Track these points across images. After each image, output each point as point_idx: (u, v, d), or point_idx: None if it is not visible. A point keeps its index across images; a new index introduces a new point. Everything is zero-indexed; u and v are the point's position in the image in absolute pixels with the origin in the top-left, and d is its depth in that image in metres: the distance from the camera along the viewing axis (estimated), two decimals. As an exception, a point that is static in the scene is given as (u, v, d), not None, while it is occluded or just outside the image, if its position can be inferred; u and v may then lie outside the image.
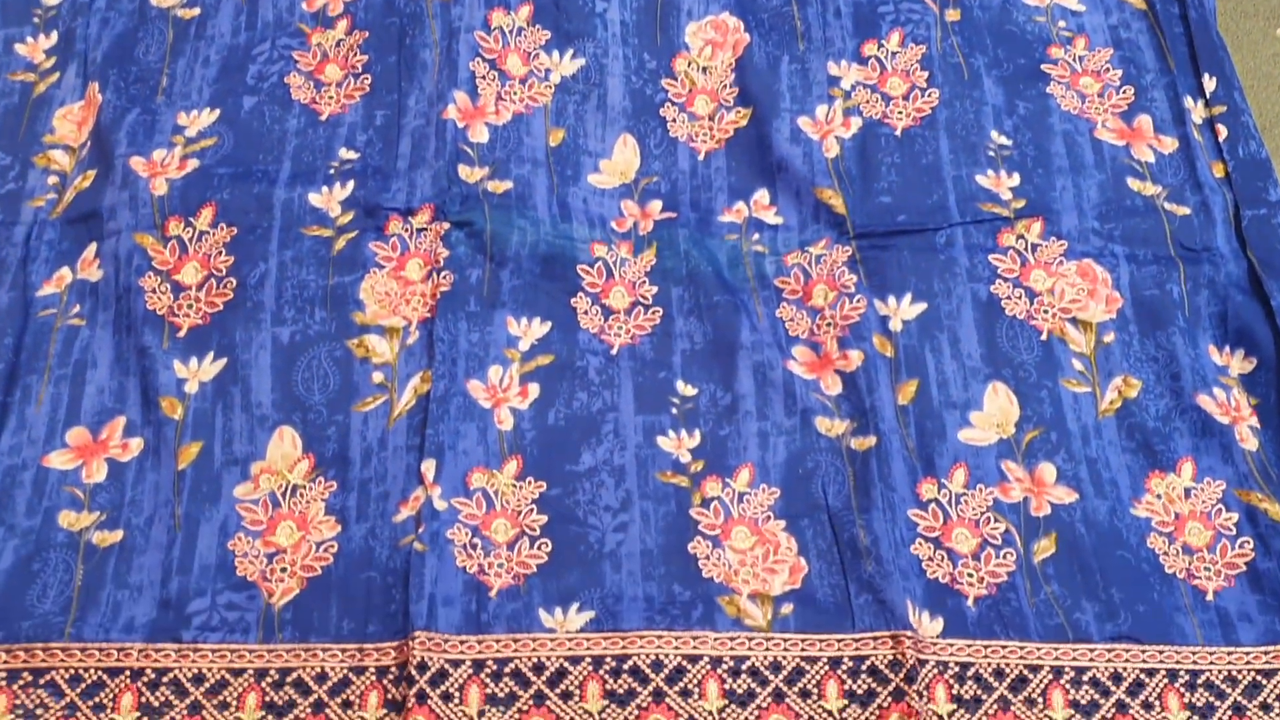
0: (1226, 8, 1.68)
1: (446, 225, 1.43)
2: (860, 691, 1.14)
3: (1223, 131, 1.53)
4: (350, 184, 1.47)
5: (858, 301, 1.39)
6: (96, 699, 1.13)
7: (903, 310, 1.39)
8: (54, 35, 1.61)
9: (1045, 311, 1.40)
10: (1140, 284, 1.42)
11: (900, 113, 1.54)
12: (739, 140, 1.54)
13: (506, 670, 1.15)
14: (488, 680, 1.14)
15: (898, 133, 1.53)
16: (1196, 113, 1.55)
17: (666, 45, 1.59)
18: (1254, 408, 1.34)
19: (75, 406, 1.32)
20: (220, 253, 1.41)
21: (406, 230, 1.44)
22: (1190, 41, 1.60)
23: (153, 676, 1.15)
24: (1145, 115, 1.54)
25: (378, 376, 1.34)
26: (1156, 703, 1.15)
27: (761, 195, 1.50)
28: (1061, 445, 1.31)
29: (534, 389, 1.34)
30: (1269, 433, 1.32)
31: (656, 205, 1.48)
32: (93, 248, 1.43)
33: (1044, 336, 1.38)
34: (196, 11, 1.62)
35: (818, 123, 1.53)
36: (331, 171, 1.48)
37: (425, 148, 1.49)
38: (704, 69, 1.58)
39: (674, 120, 1.55)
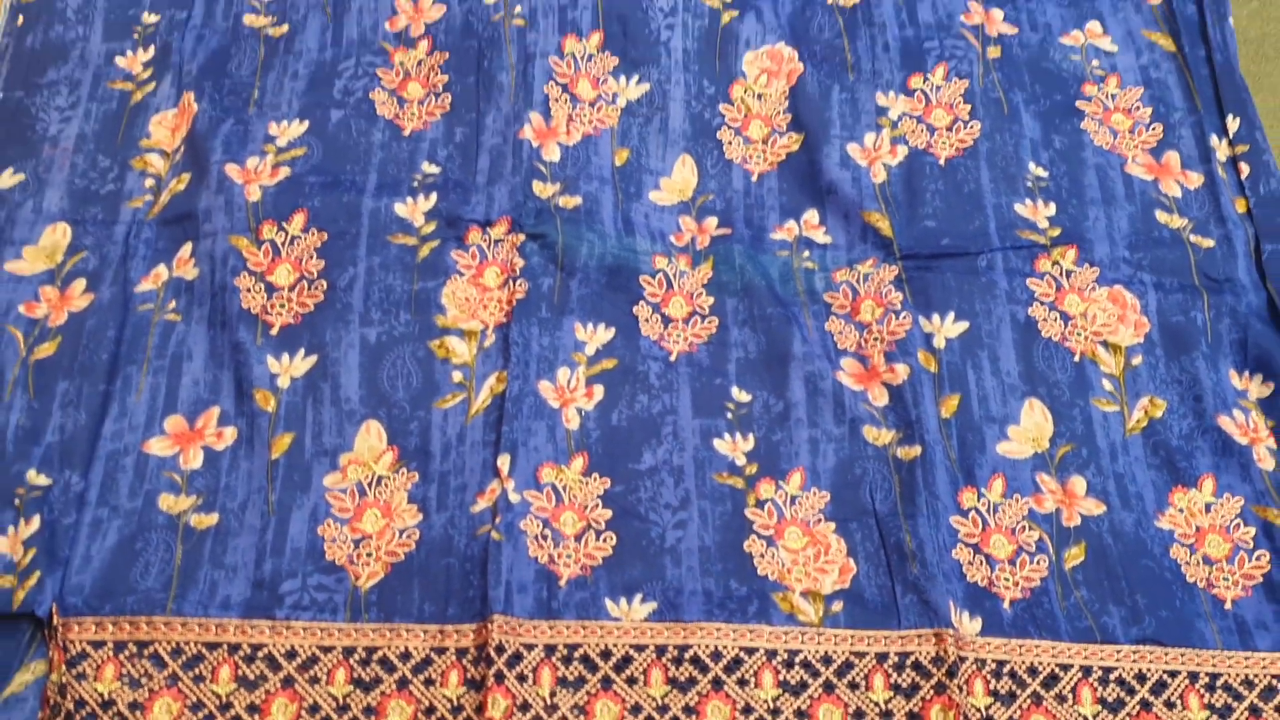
0: (1248, 52, 1.75)
1: (522, 237, 1.49)
2: (905, 685, 1.22)
3: (1245, 169, 1.60)
4: (433, 196, 1.53)
5: (903, 318, 1.45)
6: (196, 670, 1.20)
7: (946, 328, 1.45)
8: (151, 49, 1.66)
9: (1078, 334, 1.46)
10: (1166, 311, 1.48)
11: (944, 143, 1.61)
12: (791, 163, 1.60)
13: (576, 655, 1.22)
14: (559, 664, 1.22)
15: (941, 162, 1.59)
16: (1221, 150, 1.61)
17: (725, 73, 1.66)
18: (1271, 430, 1.40)
19: (172, 396, 1.39)
20: (311, 256, 1.48)
21: (485, 240, 1.50)
22: (1215, 83, 1.66)
23: (248, 651, 1.22)
24: (1173, 152, 1.61)
25: (457, 376, 1.41)
26: (1178, 702, 1.23)
27: (811, 215, 1.56)
28: (1091, 460, 1.38)
29: (599, 391, 1.41)
30: (1285, 453, 1.39)
31: (713, 222, 1.55)
32: (188, 247, 1.48)
33: (1077, 358, 1.45)
34: (285, 29, 1.68)
35: (866, 150, 1.60)
36: (415, 184, 1.54)
37: (502, 164, 1.55)
38: (759, 96, 1.64)
39: (730, 143, 1.61)
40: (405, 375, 1.41)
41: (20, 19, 1.67)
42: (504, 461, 1.33)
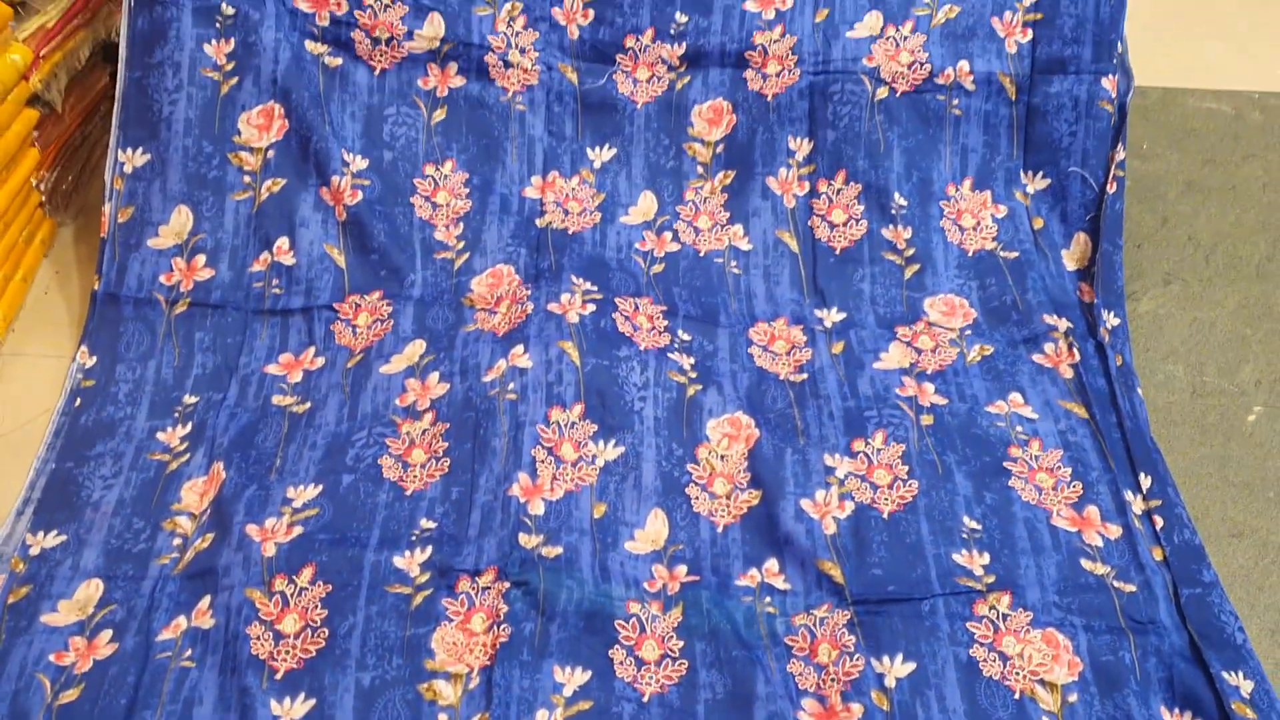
0: (1157, 418, 1.95)
1: (507, 584, 1.61)
2: None
3: (1159, 521, 1.75)
4: (429, 549, 1.66)
5: (857, 660, 1.56)
6: None
7: (895, 669, 1.55)
8: (189, 425, 1.87)
9: (1017, 673, 1.56)
10: (1097, 651, 1.58)
11: (886, 499, 1.77)
12: (751, 517, 1.75)
13: None
14: None
15: (885, 516, 1.74)
16: (1136, 505, 1.77)
17: (691, 437, 1.85)
18: (1207, 764, 1.48)
19: (181, 739, 1.48)
20: (316, 606, 1.59)
21: (474, 588, 1.62)
22: (1127, 446, 1.85)
23: None
24: (1093, 506, 1.76)
25: (442, 717, 1.49)
26: None
27: (771, 564, 1.69)
28: (1039, 796, 1.45)
29: (575, 733, 1.49)
30: (1223, 787, 1.45)
31: (683, 569, 1.68)
32: (207, 599, 1.61)
33: (1017, 695, 1.54)
34: (308, 406, 1.90)
35: (818, 504, 1.76)
36: (413, 538, 1.68)
37: (492, 519, 1.70)
38: (722, 457, 1.83)
39: (697, 498, 1.77)
40: (394, 717, 1.50)
41: (79, 401, 1.91)
42: (483, 803, 1.41)
